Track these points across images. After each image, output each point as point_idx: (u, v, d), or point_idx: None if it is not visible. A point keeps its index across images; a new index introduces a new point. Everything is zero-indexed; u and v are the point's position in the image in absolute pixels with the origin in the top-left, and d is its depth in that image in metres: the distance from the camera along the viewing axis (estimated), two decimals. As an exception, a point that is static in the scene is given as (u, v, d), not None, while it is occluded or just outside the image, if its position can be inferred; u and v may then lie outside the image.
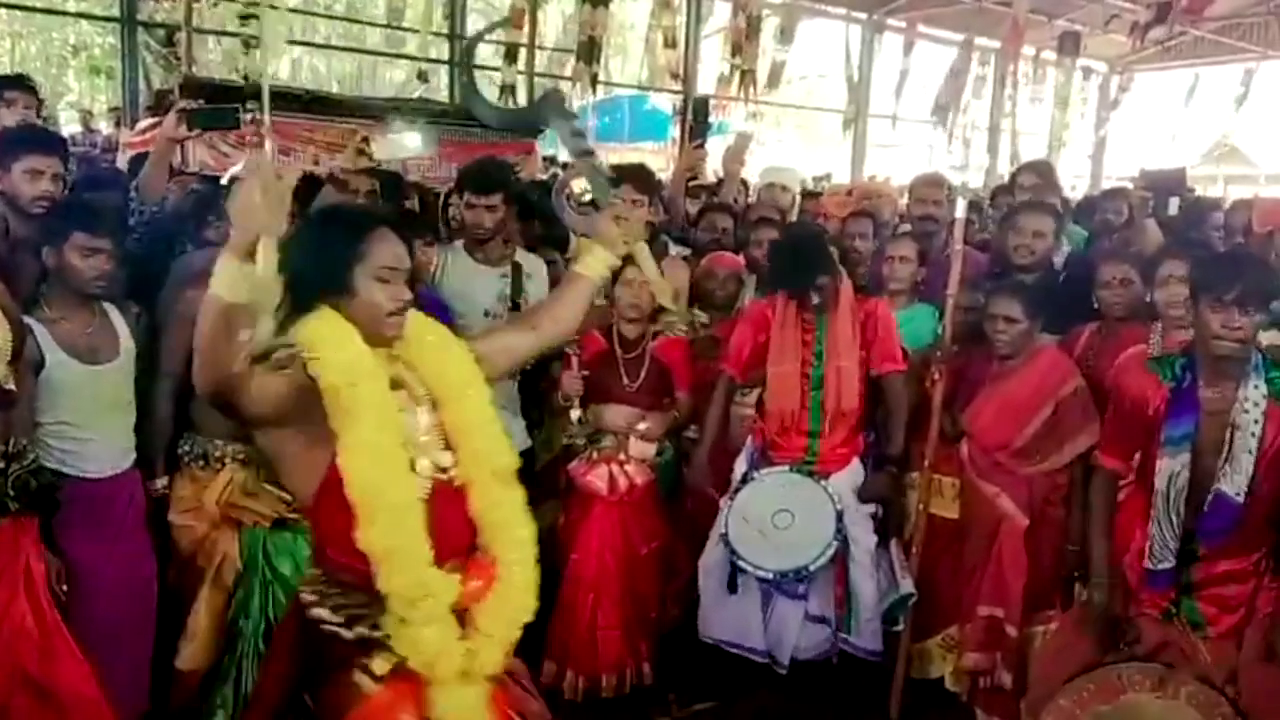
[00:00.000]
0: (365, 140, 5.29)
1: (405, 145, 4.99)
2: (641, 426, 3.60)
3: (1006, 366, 3.37)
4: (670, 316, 3.67)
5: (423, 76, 10.42)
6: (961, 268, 3.41)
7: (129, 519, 3.00)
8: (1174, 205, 3.98)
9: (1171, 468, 2.60)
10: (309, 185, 3.95)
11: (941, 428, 3.36)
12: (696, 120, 9.89)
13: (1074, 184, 13.30)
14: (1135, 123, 16.42)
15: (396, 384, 1.95)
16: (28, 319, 2.76)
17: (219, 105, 3.96)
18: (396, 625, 1.84)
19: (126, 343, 2.97)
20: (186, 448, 3.12)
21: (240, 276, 1.72)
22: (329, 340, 1.82)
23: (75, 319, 2.87)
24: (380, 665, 1.85)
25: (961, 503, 3.47)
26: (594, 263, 2.32)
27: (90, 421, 2.88)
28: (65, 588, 2.74)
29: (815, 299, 3.39)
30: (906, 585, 3.40)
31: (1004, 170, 6.48)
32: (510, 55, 9.63)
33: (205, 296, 1.72)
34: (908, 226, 4.48)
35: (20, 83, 4.34)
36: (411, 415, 1.97)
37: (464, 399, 2.03)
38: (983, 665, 3.34)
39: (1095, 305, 3.51)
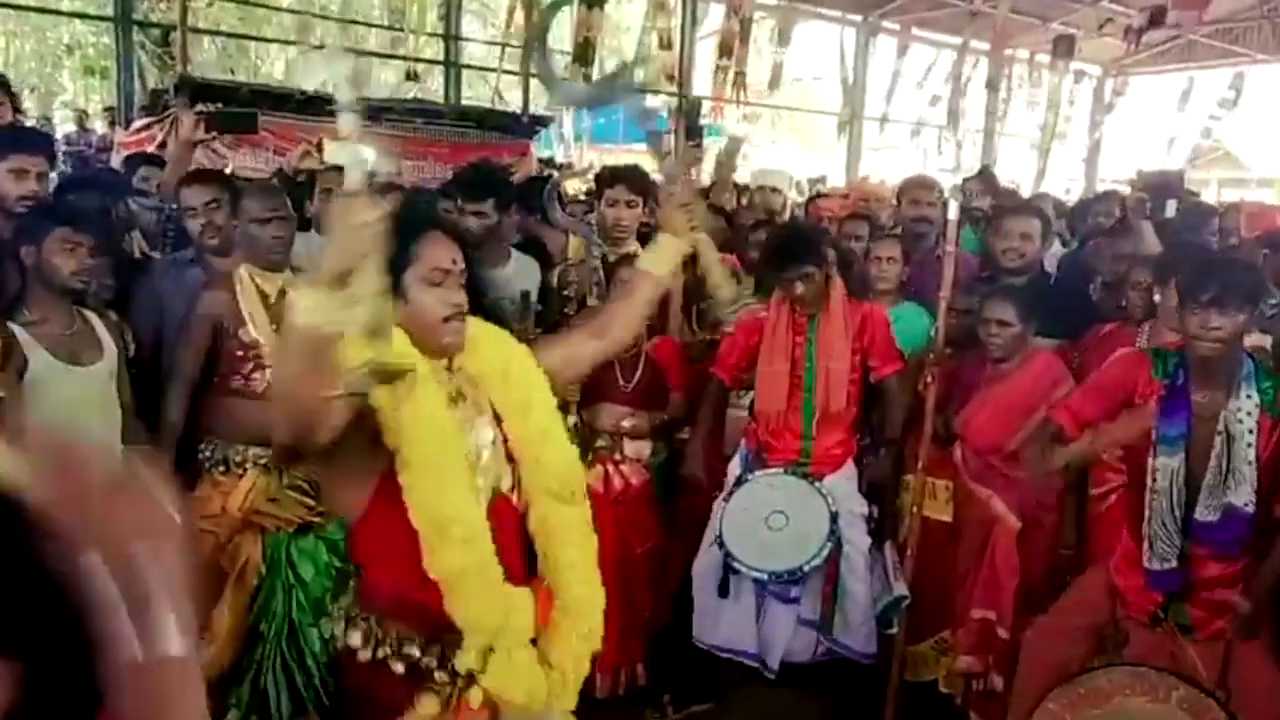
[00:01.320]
0: (318, 144, 5.31)
1: (360, 155, 4.94)
2: (627, 424, 3.60)
3: (1000, 370, 3.38)
4: (727, 308, 3.64)
5: (413, 76, 10.41)
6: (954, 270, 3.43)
7: None
8: (1171, 208, 3.99)
9: (1170, 465, 2.61)
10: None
11: (935, 430, 3.37)
12: (689, 121, 9.91)
13: (1069, 187, 13.33)
14: (1130, 126, 16.47)
15: (457, 397, 1.85)
16: (10, 325, 2.74)
17: (238, 110, 4.01)
18: (483, 655, 1.74)
19: (110, 346, 2.93)
20: (208, 453, 3.06)
21: (337, 304, 1.41)
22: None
23: (56, 320, 2.83)
24: (429, 705, 1.75)
25: (955, 506, 3.49)
26: (660, 258, 2.18)
27: (75, 424, 2.83)
28: None
29: (800, 289, 3.39)
30: (900, 588, 3.41)
31: (999, 174, 6.53)
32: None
33: (292, 336, 1.46)
34: (899, 229, 4.50)
35: None
36: (471, 431, 1.85)
37: (528, 412, 1.93)
38: (975, 668, 3.36)
39: (1095, 305, 3.52)
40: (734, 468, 3.59)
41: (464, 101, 10.35)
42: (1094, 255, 4.23)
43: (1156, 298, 3.29)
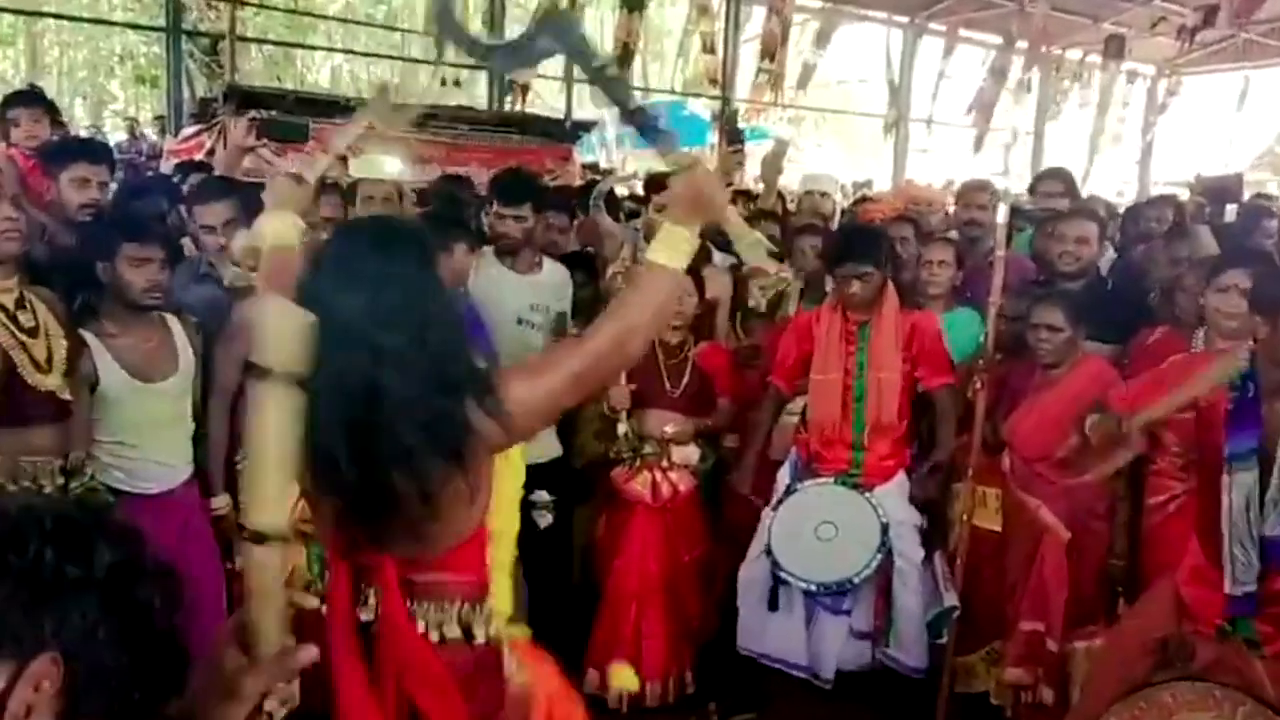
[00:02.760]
0: (344, 158, 5.38)
1: (381, 166, 5.02)
2: (670, 429, 3.57)
3: (1049, 376, 3.31)
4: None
5: (456, 83, 10.46)
6: (1005, 275, 3.36)
7: (190, 534, 2.95)
8: (1230, 212, 3.90)
9: (1245, 482, 2.51)
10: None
11: (984, 438, 3.31)
12: (729, 126, 9.85)
13: (1121, 190, 13.11)
14: (1184, 127, 16.15)
15: None
16: (85, 333, 2.78)
17: (290, 119, 4.07)
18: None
19: (186, 357, 2.94)
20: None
21: (695, 248, 1.72)
22: None
23: (134, 333, 2.85)
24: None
25: (1003, 515, 3.42)
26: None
27: (145, 439, 2.86)
28: None
29: (856, 288, 3.34)
30: (950, 598, 3.35)
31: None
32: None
33: (658, 269, 1.72)
34: (954, 233, 4.44)
35: (35, 98, 4.26)
36: None
37: None
38: (1024, 680, 3.29)
39: (1150, 309, 3.44)
40: (783, 476, 3.55)
41: (506, 108, 10.38)
42: (1149, 260, 4.14)
43: (1201, 300, 3.20)
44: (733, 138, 6.82)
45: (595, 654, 3.51)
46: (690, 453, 3.60)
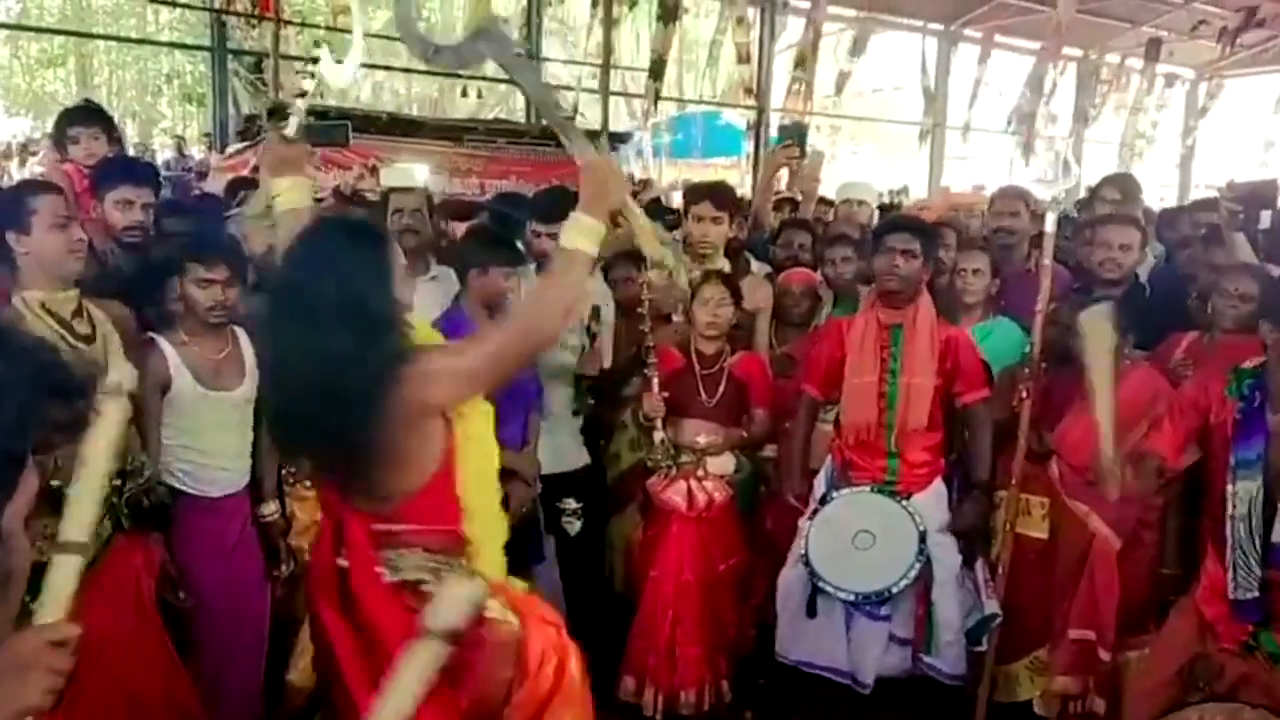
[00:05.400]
0: (373, 169, 5.48)
1: (411, 176, 5.09)
2: (703, 440, 3.59)
3: (1096, 384, 3.29)
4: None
5: (480, 94, 10.59)
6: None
7: (244, 538, 3.05)
8: (1266, 219, 3.85)
9: (1249, 490, 2.52)
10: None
11: (1029, 446, 3.30)
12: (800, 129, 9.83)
13: (1161, 195, 12.95)
14: (1226, 130, 15.90)
15: None
16: (159, 339, 2.89)
17: (331, 122, 4.10)
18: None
19: (252, 368, 3.00)
20: (293, 468, 3.16)
21: (602, 233, 2.00)
22: None
23: (205, 343, 2.94)
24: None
25: (1050, 523, 3.40)
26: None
27: (210, 444, 2.94)
28: (184, 595, 2.83)
29: (900, 264, 3.31)
30: (991, 605, 3.34)
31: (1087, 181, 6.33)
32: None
33: (568, 253, 2.01)
34: (983, 240, 4.42)
35: (93, 115, 4.29)
36: None
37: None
38: (1072, 689, 3.27)
39: (1190, 316, 3.43)
40: (819, 485, 3.55)
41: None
42: (1190, 265, 4.11)
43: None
44: (787, 135, 6.74)
45: (631, 661, 3.54)
46: (726, 463, 3.62)
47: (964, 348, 3.43)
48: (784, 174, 6.06)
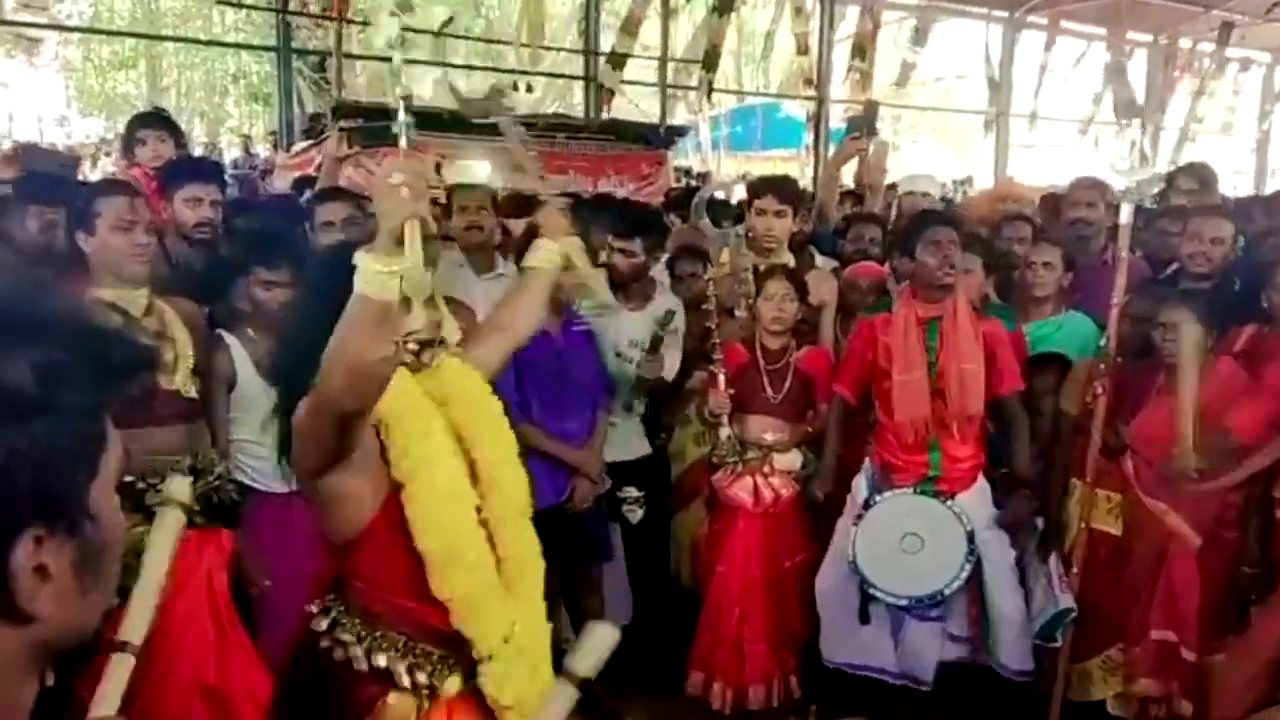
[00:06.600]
0: (437, 166, 5.49)
1: (475, 172, 5.11)
2: (769, 437, 3.57)
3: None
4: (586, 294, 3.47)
5: (529, 89, 10.61)
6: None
7: (304, 534, 3.10)
8: None
9: None
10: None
11: (1104, 441, 3.22)
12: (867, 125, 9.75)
13: (1234, 183, 12.57)
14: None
15: None
16: (227, 335, 2.96)
17: (378, 123, 4.16)
18: (483, 663, 1.85)
19: None
20: None
21: (389, 274, 1.55)
22: (393, 386, 1.71)
23: (271, 341, 2.94)
24: (404, 704, 1.82)
25: (1125, 520, 3.33)
26: (539, 257, 2.25)
27: (269, 437, 3.01)
28: (269, 583, 2.89)
29: (950, 251, 3.25)
30: (1066, 600, 3.28)
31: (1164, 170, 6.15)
32: (617, 63, 9.66)
33: (352, 300, 1.58)
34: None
35: (159, 119, 4.42)
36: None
37: (497, 436, 2.01)
38: (1154, 692, 3.19)
39: (1265, 307, 3.32)
40: (859, 488, 3.46)
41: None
42: (1273, 253, 3.97)
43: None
44: (855, 126, 6.65)
45: (698, 656, 3.54)
46: (792, 459, 3.60)
47: (999, 339, 3.36)
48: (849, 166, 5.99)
